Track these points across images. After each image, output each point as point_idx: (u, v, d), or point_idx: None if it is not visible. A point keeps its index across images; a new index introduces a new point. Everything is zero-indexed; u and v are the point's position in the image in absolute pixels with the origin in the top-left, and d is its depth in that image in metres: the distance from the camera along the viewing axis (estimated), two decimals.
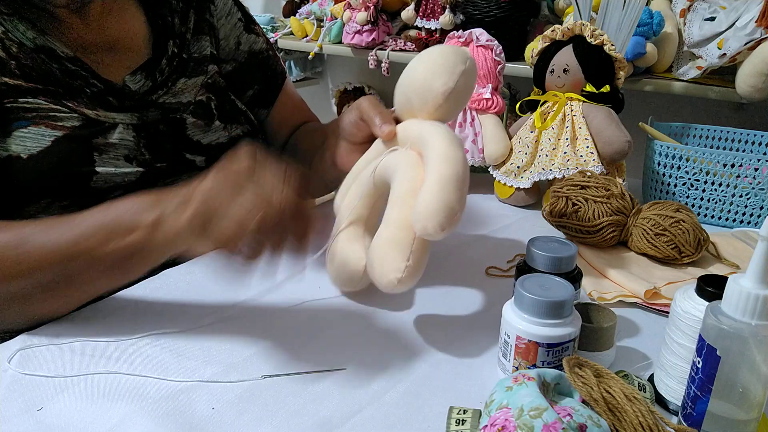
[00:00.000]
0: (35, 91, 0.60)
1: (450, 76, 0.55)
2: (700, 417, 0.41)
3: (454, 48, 0.58)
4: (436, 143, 0.52)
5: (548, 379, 0.40)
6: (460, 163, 0.51)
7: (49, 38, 0.62)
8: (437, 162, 0.50)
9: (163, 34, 0.73)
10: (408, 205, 0.51)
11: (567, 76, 0.84)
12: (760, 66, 1.03)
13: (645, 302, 0.61)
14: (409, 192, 0.52)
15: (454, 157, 0.51)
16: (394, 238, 0.51)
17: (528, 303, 0.46)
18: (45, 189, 0.61)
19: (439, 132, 0.53)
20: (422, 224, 0.48)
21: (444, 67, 0.56)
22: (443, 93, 0.55)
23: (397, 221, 0.51)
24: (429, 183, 0.49)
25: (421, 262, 0.51)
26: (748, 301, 0.37)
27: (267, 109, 0.86)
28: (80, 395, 0.47)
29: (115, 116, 0.65)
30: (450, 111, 0.58)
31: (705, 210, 0.84)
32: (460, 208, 0.49)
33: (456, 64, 0.56)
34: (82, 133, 0.62)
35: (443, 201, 0.48)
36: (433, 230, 0.48)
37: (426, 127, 0.55)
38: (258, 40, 0.84)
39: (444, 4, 1.44)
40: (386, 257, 0.51)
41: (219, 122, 0.74)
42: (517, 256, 0.72)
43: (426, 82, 0.56)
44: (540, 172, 0.85)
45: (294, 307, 0.61)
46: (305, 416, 0.45)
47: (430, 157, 0.52)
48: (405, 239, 0.50)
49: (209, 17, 0.79)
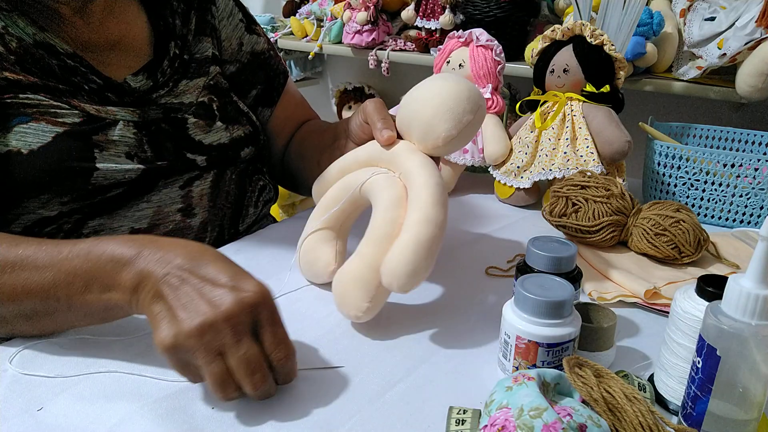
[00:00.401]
0: (36, 86, 0.60)
1: (455, 125, 0.55)
2: (700, 417, 0.41)
3: (468, 91, 0.56)
4: (423, 198, 0.53)
5: (548, 379, 0.40)
6: (439, 227, 0.52)
7: (48, 35, 0.62)
8: (418, 221, 0.52)
9: (164, 35, 0.73)
10: (382, 248, 0.53)
11: (567, 76, 0.84)
12: (760, 66, 1.03)
13: (645, 302, 0.61)
14: (386, 236, 0.54)
15: (434, 219, 0.52)
16: (361, 277, 0.54)
17: (528, 303, 0.46)
18: (45, 185, 0.61)
19: (429, 185, 0.54)
20: (388, 280, 0.52)
21: (452, 113, 0.54)
22: (444, 138, 0.55)
23: (367, 260, 0.54)
24: (405, 242, 0.52)
25: (380, 304, 0.55)
26: (748, 301, 0.37)
27: (270, 109, 0.86)
28: (80, 395, 0.47)
29: (116, 112, 0.65)
30: (448, 152, 0.59)
31: (705, 210, 0.84)
32: (428, 269, 0.52)
33: (465, 113, 0.55)
34: (83, 129, 0.62)
35: (413, 265, 0.51)
36: (397, 289, 0.52)
37: (420, 168, 0.55)
38: (259, 41, 0.85)
39: (444, 4, 1.44)
40: (350, 292, 0.54)
41: (221, 123, 0.74)
42: (517, 256, 0.72)
43: (431, 121, 0.55)
44: (540, 172, 0.85)
45: (294, 307, 0.61)
46: (305, 416, 0.45)
47: (413, 210, 0.53)
48: (371, 281, 0.53)
49: (211, 19, 0.79)
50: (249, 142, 0.77)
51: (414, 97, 0.58)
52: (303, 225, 0.65)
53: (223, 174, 0.74)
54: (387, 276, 0.52)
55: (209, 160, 0.72)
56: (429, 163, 0.56)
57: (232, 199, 0.76)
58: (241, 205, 0.78)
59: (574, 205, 0.72)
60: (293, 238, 0.67)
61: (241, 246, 0.74)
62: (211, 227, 0.73)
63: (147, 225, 0.67)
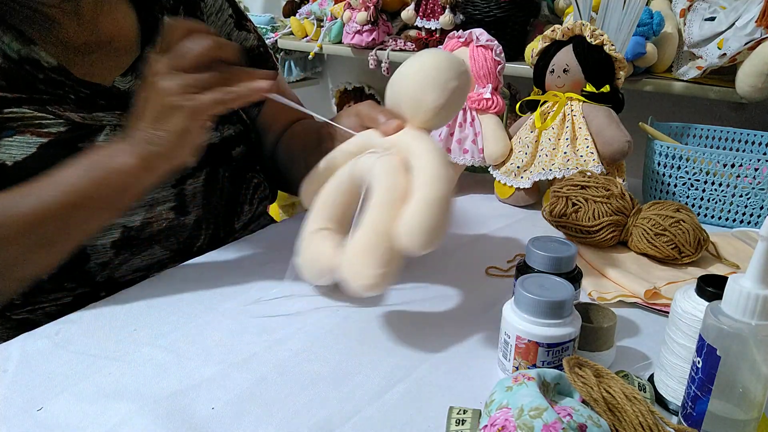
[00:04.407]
0: (20, 100, 0.60)
1: (441, 92, 0.55)
2: (700, 417, 0.41)
3: (448, 59, 0.56)
4: (427, 160, 0.52)
5: (548, 379, 0.40)
6: (450, 183, 0.51)
7: (34, 48, 0.62)
8: (428, 181, 0.51)
9: (151, 31, 0.73)
10: (387, 213, 0.52)
11: (567, 76, 0.84)
12: (760, 66, 1.03)
13: (645, 302, 0.61)
14: (390, 201, 0.52)
15: (444, 176, 0.51)
16: (370, 244, 0.52)
17: (528, 303, 0.46)
18: None
19: (429, 148, 0.53)
20: (406, 241, 0.50)
21: (436, 81, 0.55)
22: (434, 108, 0.55)
23: (375, 227, 0.52)
24: (418, 202, 0.50)
25: (394, 271, 0.52)
26: (748, 301, 0.37)
27: (258, 107, 0.86)
28: (80, 395, 0.47)
29: (103, 117, 0.65)
30: (441, 122, 0.58)
31: (705, 210, 0.84)
32: (445, 227, 0.51)
33: (448, 80, 0.55)
34: (68, 137, 0.62)
35: (430, 222, 0.49)
36: (416, 249, 0.50)
37: (416, 139, 0.55)
38: (249, 37, 0.84)
39: (444, 4, 1.44)
40: (360, 262, 0.52)
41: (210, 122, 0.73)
42: (517, 256, 0.72)
43: (416, 95, 0.55)
44: (540, 172, 0.85)
45: (294, 307, 0.61)
46: (305, 416, 0.45)
47: (420, 173, 0.52)
48: (381, 246, 0.51)
49: (199, 15, 0.79)
50: (240, 141, 0.77)
51: (398, 78, 0.58)
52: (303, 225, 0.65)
53: (216, 172, 0.74)
54: (406, 236, 0.50)
55: (199, 159, 0.72)
56: (424, 133, 0.56)
57: (226, 196, 0.76)
58: (236, 203, 0.78)
59: (574, 205, 0.72)
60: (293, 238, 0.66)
61: (242, 246, 0.74)
62: (205, 225, 0.73)
63: (140, 223, 0.67)
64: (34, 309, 0.65)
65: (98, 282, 0.66)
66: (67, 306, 0.65)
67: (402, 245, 0.50)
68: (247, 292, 0.63)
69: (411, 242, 0.50)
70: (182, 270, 0.67)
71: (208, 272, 0.67)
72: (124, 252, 0.66)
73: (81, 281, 0.65)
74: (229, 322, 0.58)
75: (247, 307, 0.60)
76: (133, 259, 0.68)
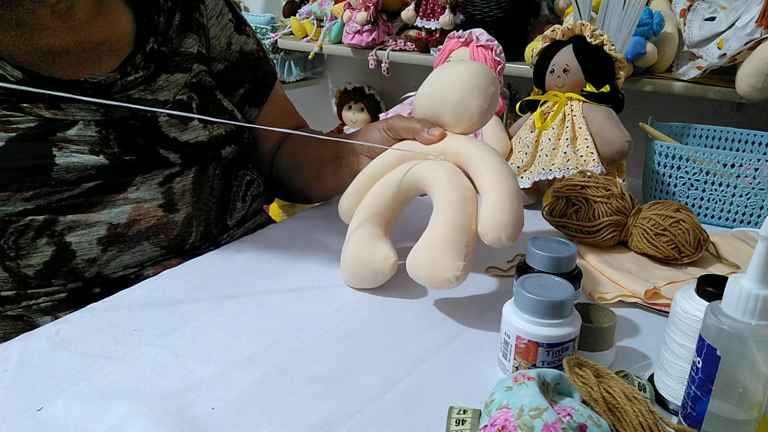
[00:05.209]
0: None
1: (484, 98, 0.60)
2: (700, 417, 0.41)
3: (481, 67, 0.62)
4: (491, 159, 0.57)
5: (548, 379, 0.40)
6: (516, 178, 0.57)
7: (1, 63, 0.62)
8: (501, 177, 0.56)
9: (146, 31, 0.73)
10: (462, 210, 0.56)
11: (567, 76, 0.84)
12: (760, 66, 1.03)
13: (645, 302, 0.61)
14: (462, 199, 0.57)
15: (511, 174, 0.57)
16: (449, 239, 0.55)
17: (528, 303, 0.46)
18: (3, 183, 0.61)
19: (487, 149, 0.59)
20: (497, 234, 0.53)
21: (478, 89, 0.60)
22: (479, 114, 0.60)
23: (452, 224, 0.55)
24: (498, 197, 0.54)
25: (470, 265, 0.56)
26: (748, 301, 0.37)
27: (258, 108, 0.86)
28: (80, 395, 0.47)
29: (76, 113, 0.65)
30: (481, 126, 0.63)
31: (705, 210, 0.85)
32: (523, 218, 0.55)
33: (488, 86, 0.60)
34: (38, 131, 0.62)
35: (515, 214, 0.54)
36: (507, 240, 0.54)
37: (468, 143, 0.60)
38: (249, 41, 0.85)
39: (444, 4, 1.44)
40: (441, 257, 0.55)
41: (198, 122, 0.74)
42: (517, 256, 0.72)
43: (462, 102, 0.60)
44: (540, 172, 0.85)
45: (294, 307, 0.61)
46: (305, 416, 0.45)
47: (489, 172, 0.57)
48: (460, 241, 0.55)
49: (199, 17, 0.79)
50: (231, 140, 0.77)
51: (432, 89, 0.63)
52: (303, 225, 0.65)
53: (206, 170, 0.74)
54: (494, 231, 0.53)
55: (184, 157, 0.72)
56: (471, 137, 0.62)
57: (217, 194, 0.76)
58: (228, 200, 0.77)
59: (574, 205, 0.72)
60: (293, 238, 0.67)
61: (242, 246, 0.74)
62: (196, 222, 0.73)
63: (126, 220, 0.67)
64: (29, 306, 0.65)
65: (88, 278, 0.66)
66: (63, 302, 0.65)
67: (492, 239, 0.54)
68: (247, 292, 0.63)
69: (501, 236, 0.53)
70: (182, 270, 0.67)
71: (208, 272, 0.67)
72: (111, 249, 0.66)
73: (69, 278, 0.65)
74: (229, 322, 0.58)
75: (248, 307, 0.60)
76: (121, 256, 0.67)
